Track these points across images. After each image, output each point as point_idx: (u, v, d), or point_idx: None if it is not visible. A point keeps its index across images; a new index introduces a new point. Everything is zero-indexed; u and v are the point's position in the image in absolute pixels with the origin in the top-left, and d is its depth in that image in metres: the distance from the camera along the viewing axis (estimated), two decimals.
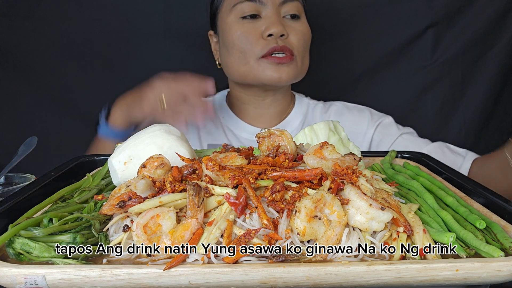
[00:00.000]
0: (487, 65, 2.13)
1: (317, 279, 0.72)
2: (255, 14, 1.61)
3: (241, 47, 1.61)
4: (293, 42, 1.61)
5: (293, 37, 1.62)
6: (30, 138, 1.38)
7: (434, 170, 1.19)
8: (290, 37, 1.61)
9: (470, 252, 0.79)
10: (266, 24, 1.59)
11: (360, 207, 0.80)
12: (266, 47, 1.58)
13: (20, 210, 0.93)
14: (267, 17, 1.60)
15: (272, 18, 1.59)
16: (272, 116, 1.79)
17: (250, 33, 1.59)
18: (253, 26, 1.60)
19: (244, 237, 0.76)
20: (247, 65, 1.61)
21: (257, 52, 1.59)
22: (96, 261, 0.79)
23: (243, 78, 1.67)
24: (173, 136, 1.06)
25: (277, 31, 1.57)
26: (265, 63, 1.59)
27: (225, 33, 1.66)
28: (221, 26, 1.68)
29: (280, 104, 1.79)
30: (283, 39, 1.60)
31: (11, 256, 0.80)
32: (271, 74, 1.60)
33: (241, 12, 1.61)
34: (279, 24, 1.58)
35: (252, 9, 1.60)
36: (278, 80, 1.61)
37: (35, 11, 2.00)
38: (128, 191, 0.87)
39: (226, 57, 1.68)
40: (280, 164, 0.94)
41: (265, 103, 1.76)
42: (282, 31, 1.58)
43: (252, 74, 1.63)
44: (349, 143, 1.20)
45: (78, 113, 2.15)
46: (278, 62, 1.59)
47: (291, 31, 1.62)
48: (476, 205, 0.96)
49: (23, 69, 2.06)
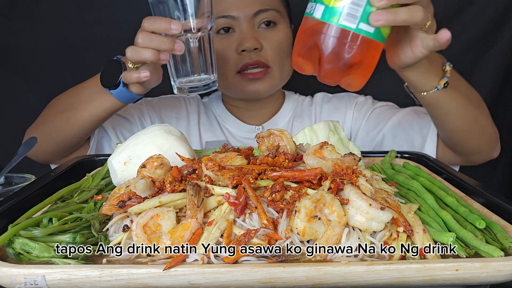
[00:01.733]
0: (487, 65, 2.13)
1: (317, 279, 0.72)
2: (228, 28, 1.59)
3: (219, 63, 1.58)
4: (268, 54, 1.59)
5: (267, 48, 1.59)
6: (30, 138, 1.38)
7: (434, 170, 1.20)
8: (264, 49, 1.59)
9: (470, 252, 0.79)
10: (239, 39, 1.57)
11: (360, 207, 0.80)
12: (240, 63, 1.57)
13: (20, 210, 0.93)
14: (240, 31, 1.58)
15: (244, 32, 1.57)
16: (264, 115, 1.81)
17: (224, 49, 1.58)
18: (227, 42, 1.59)
19: (244, 237, 0.76)
20: (226, 80, 1.62)
21: (233, 67, 1.59)
22: (96, 261, 0.79)
23: (226, 91, 1.72)
24: (173, 136, 1.06)
25: (249, 46, 1.55)
26: (241, 79, 1.60)
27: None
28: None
29: (271, 105, 1.81)
30: (257, 52, 1.58)
31: (10, 256, 0.80)
32: (248, 89, 1.62)
33: (216, 28, 1.59)
34: (251, 38, 1.56)
35: (224, 24, 1.58)
36: (255, 93, 1.63)
37: (34, 11, 2.00)
38: (128, 191, 0.87)
39: None
40: (280, 164, 0.94)
41: (254, 107, 1.79)
42: (255, 44, 1.56)
43: (232, 89, 1.66)
44: (349, 143, 1.20)
45: None
46: (252, 78, 1.59)
47: (266, 42, 1.59)
48: (476, 205, 0.96)
49: (23, 69, 2.06)
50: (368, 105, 1.79)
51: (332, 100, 1.86)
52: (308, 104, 1.87)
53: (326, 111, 1.83)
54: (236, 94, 1.70)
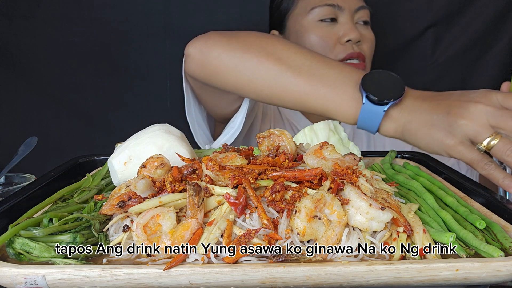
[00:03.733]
0: (487, 65, 2.13)
1: (317, 279, 0.72)
2: (333, 18, 1.66)
3: (318, 50, 1.64)
4: (365, 49, 1.68)
5: (365, 44, 1.68)
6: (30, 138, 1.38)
7: (434, 170, 1.19)
8: (363, 44, 1.67)
9: (470, 252, 0.79)
10: (344, 29, 1.64)
11: (360, 207, 0.80)
12: (343, 52, 1.63)
13: (20, 210, 0.93)
14: (344, 23, 1.66)
15: (349, 24, 1.65)
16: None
17: (328, 37, 1.65)
18: (331, 30, 1.65)
19: (244, 237, 0.76)
20: None
21: (334, 56, 1.64)
22: (96, 261, 0.79)
23: None
24: (173, 136, 1.06)
25: (355, 37, 1.63)
26: None
27: (300, 35, 1.69)
28: (295, 27, 1.72)
29: None
30: (358, 45, 1.65)
31: (11, 256, 0.80)
32: None
33: (320, 15, 1.66)
34: (356, 30, 1.64)
35: (330, 13, 1.66)
36: None
37: (35, 11, 2.00)
38: (128, 191, 0.87)
39: None
40: (280, 164, 0.94)
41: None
42: (359, 37, 1.64)
43: None
44: (349, 143, 1.20)
45: (78, 113, 2.15)
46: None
47: (363, 38, 1.68)
48: (476, 205, 0.96)
49: (23, 69, 2.06)
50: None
51: None
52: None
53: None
54: None
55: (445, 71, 2.15)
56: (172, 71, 2.13)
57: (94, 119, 2.18)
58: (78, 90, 2.12)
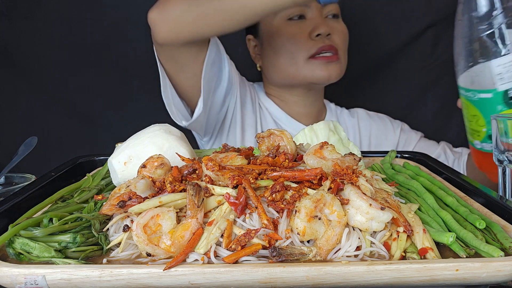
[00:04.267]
0: None
1: (317, 279, 0.72)
2: (301, 15, 1.68)
3: (289, 48, 1.67)
4: (337, 41, 1.69)
5: (336, 37, 1.69)
6: (30, 138, 1.38)
7: (434, 170, 1.19)
8: (334, 36, 1.68)
9: (470, 252, 0.79)
10: (313, 24, 1.66)
11: (360, 207, 0.80)
12: (314, 47, 1.64)
13: (20, 210, 0.93)
14: (312, 18, 1.67)
15: (318, 19, 1.67)
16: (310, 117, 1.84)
17: (298, 34, 1.66)
18: (300, 27, 1.67)
19: (244, 237, 0.76)
20: (296, 65, 1.67)
21: (306, 52, 1.65)
22: (96, 261, 0.80)
23: (292, 78, 1.72)
24: (173, 136, 1.06)
25: (324, 31, 1.64)
26: (314, 63, 1.66)
27: (272, 36, 1.71)
28: (266, 29, 1.73)
29: (317, 105, 1.86)
30: (329, 38, 1.66)
31: (11, 256, 0.80)
32: (321, 73, 1.66)
33: (287, 14, 1.67)
34: (325, 24, 1.66)
35: (298, 11, 1.67)
36: (328, 78, 1.68)
37: (35, 11, 2.00)
38: (128, 191, 0.87)
39: (273, 59, 1.73)
40: (280, 164, 0.94)
41: (305, 103, 1.82)
42: (329, 30, 1.65)
43: (302, 74, 1.69)
44: (349, 143, 1.20)
45: (78, 113, 2.15)
46: (327, 61, 1.66)
47: (334, 31, 1.69)
48: (476, 205, 0.96)
49: (23, 69, 2.06)
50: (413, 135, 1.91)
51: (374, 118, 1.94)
52: (349, 117, 1.93)
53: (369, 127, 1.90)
54: (303, 80, 1.71)
55: (445, 71, 2.14)
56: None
57: (94, 119, 2.18)
58: (78, 90, 2.11)
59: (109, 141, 1.31)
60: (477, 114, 1.19)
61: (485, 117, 1.18)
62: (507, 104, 1.14)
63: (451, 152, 1.84)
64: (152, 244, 0.76)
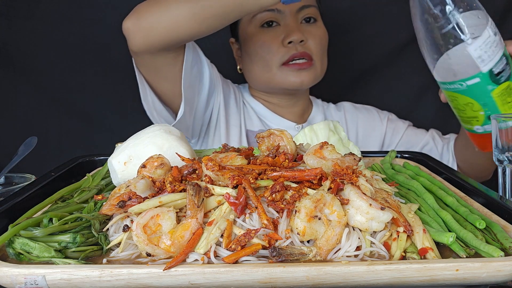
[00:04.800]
0: None
1: (317, 279, 0.72)
2: (274, 22, 1.67)
3: (263, 56, 1.67)
4: (311, 47, 1.68)
5: (311, 42, 1.68)
6: (30, 138, 1.38)
7: (434, 170, 1.20)
8: (308, 42, 1.67)
9: (470, 252, 0.79)
10: (286, 31, 1.65)
11: (360, 207, 0.80)
12: (286, 54, 1.64)
13: (20, 210, 0.93)
14: (285, 25, 1.67)
15: (290, 25, 1.66)
16: (295, 115, 1.85)
17: (270, 41, 1.66)
18: (273, 34, 1.66)
19: (244, 237, 0.76)
20: (270, 72, 1.68)
21: (279, 59, 1.65)
22: (96, 261, 0.80)
23: (266, 84, 1.74)
24: (173, 136, 1.06)
25: (297, 38, 1.63)
26: (286, 70, 1.66)
27: (246, 43, 1.72)
28: (242, 35, 1.75)
29: (301, 104, 1.86)
30: (302, 44, 1.65)
31: (11, 256, 0.80)
32: (293, 79, 1.67)
33: (261, 21, 1.68)
34: (297, 31, 1.64)
35: (271, 17, 1.67)
36: (300, 85, 1.68)
37: (35, 11, 1.99)
38: (128, 191, 0.87)
39: (249, 65, 1.75)
40: (280, 164, 0.94)
41: (288, 104, 1.83)
42: (301, 37, 1.64)
43: (275, 81, 1.70)
44: (349, 143, 1.20)
45: (78, 113, 2.15)
46: (298, 68, 1.65)
47: (309, 36, 1.67)
48: (476, 205, 0.96)
49: (23, 69, 2.06)
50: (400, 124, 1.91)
51: (361, 110, 1.95)
52: (336, 111, 1.93)
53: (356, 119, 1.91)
54: (277, 87, 1.72)
55: None
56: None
57: (94, 119, 2.17)
58: (78, 90, 2.11)
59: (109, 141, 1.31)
60: (471, 101, 1.21)
61: (479, 101, 1.20)
62: (495, 82, 1.16)
63: (440, 138, 1.86)
64: (152, 244, 0.76)
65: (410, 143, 1.88)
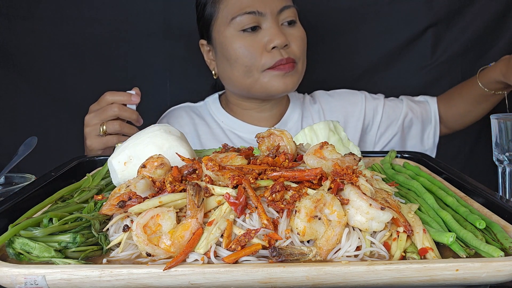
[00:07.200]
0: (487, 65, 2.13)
1: (317, 279, 0.72)
2: (255, 26, 1.60)
3: (244, 61, 1.60)
4: (294, 50, 1.63)
5: (294, 45, 1.63)
6: (30, 138, 1.38)
7: (434, 170, 1.19)
8: (291, 46, 1.62)
9: (470, 252, 0.79)
10: (268, 36, 1.58)
11: (360, 207, 0.80)
12: (271, 60, 1.58)
13: (20, 210, 0.93)
14: (267, 29, 1.59)
15: (273, 29, 1.58)
16: (273, 116, 1.81)
17: (253, 47, 1.59)
18: (255, 39, 1.59)
19: (244, 237, 0.76)
20: (252, 77, 1.62)
21: (262, 65, 1.59)
22: (96, 261, 0.80)
23: (248, 89, 1.67)
24: (173, 136, 1.06)
25: (281, 43, 1.57)
26: (270, 74, 1.60)
27: (225, 47, 1.63)
28: (219, 39, 1.65)
29: (279, 106, 1.82)
30: (286, 49, 1.60)
31: (11, 256, 0.80)
32: (277, 84, 1.61)
33: (241, 25, 1.59)
34: (281, 35, 1.58)
35: (252, 21, 1.58)
36: (284, 90, 1.64)
37: (35, 11, 2.00)
38: (128, 191, 0.87)
39: (228, 70, 1.67)
40: (280, 164, 0.94)
41: (266, 107, 1.79)
42: (285, 41, 1.58)
43: (258, 86, 1.64)
44: (349, 143, 1.20)
45: (78, 113, 2.14)
46: (284, 73, 1.60)
47: (291, 39, 1.62)
48: (476, 205, 0.96)
49: (23, 69, 2.06)
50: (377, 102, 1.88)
51: (335, 96, 1.90)
52: (310, 103, 1.88)
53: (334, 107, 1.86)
54: (260, 92, 1.66)
55: (445, 71, 2.14)
56: (172, 71, 2.13)
57: None
58: (78, 90, 2.11)
59: None
60: None
61: None
62: None
63: (415, 104, 1.87)
64: (152, 244, 0.76)
65: (390, 119, 1.85)
